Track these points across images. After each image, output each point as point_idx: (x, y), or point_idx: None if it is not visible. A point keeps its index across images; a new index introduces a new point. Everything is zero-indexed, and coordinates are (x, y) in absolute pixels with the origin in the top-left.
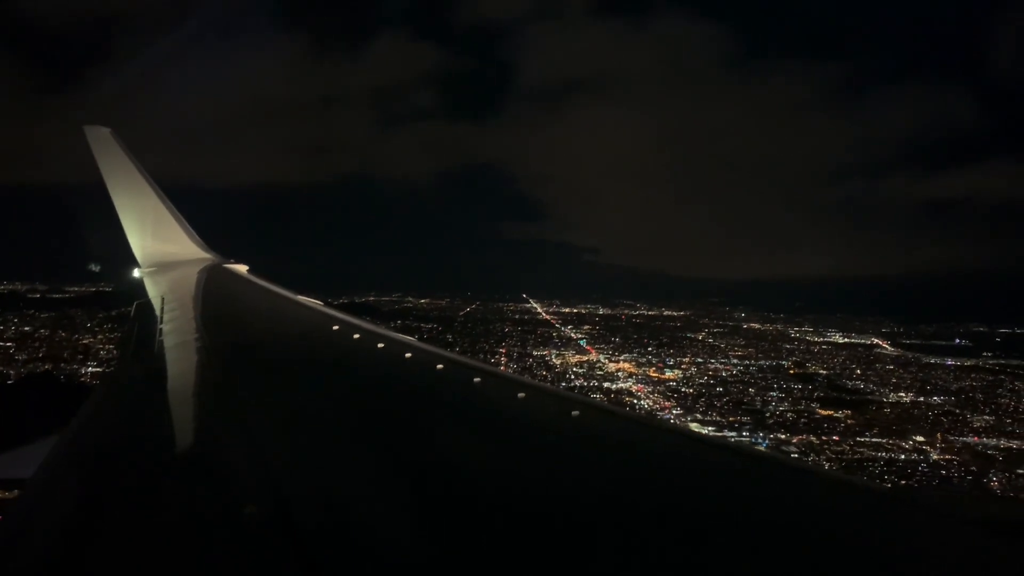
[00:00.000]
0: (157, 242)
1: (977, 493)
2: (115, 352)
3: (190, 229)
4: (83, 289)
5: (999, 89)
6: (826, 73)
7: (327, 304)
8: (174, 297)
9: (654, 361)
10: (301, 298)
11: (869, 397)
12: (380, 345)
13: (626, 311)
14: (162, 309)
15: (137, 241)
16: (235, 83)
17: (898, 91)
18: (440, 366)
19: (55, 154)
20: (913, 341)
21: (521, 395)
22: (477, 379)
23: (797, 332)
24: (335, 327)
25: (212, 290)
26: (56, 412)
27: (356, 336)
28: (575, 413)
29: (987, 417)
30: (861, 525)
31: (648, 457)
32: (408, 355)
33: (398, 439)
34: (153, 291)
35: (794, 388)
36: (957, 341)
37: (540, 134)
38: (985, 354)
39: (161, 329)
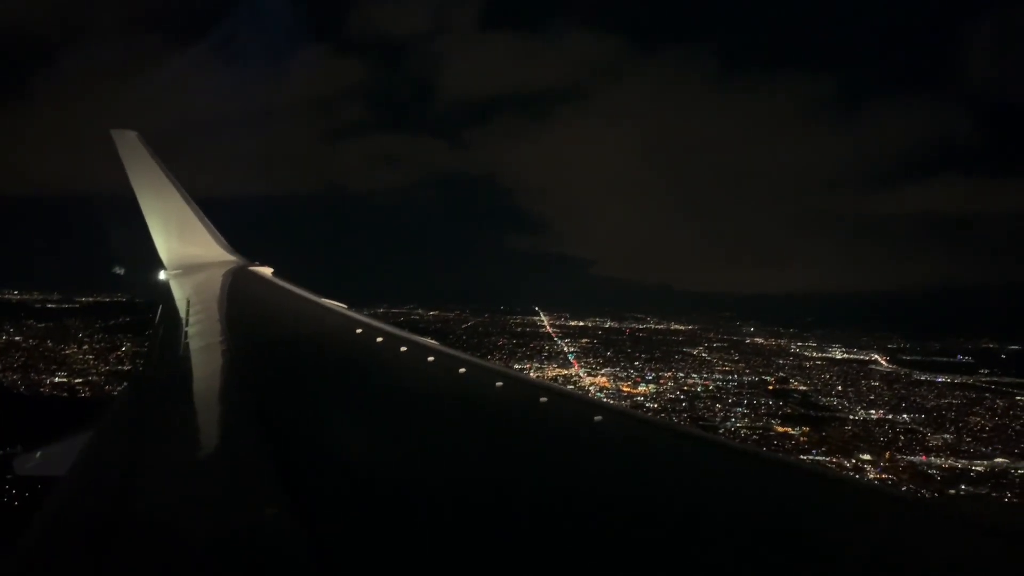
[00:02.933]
0: (183, 244)
1: (1004, 502)
2: (92, 362)
3: (215, 231)
4: (94, 299)
5: (1004, 102)
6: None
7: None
8: (199, 300)
9: (634, 375)
10: (325, 301)
11: (837, 414)
12: (403, 348)
13: (633, 324)
14: (187, 311)
15: (163, 243)
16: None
17: (892, 102)
18: (462, 370)
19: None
20: (914, 357)
21: (543, 399)
22: (499, 383)
23: (798, 347)
24: (359, 330)
25: (237, 293)
26: None
27: (379, 339)
28: (598, 418)
29: (948, 436)
30: (886, 532)
31: (670, 462)
32: (431, 358)
33: (422, 442)
34: (179, 293)
35: (764, 404)
36: (959, 357)
37: (529, 143)
38: (982, 371)
39: (187, 332)
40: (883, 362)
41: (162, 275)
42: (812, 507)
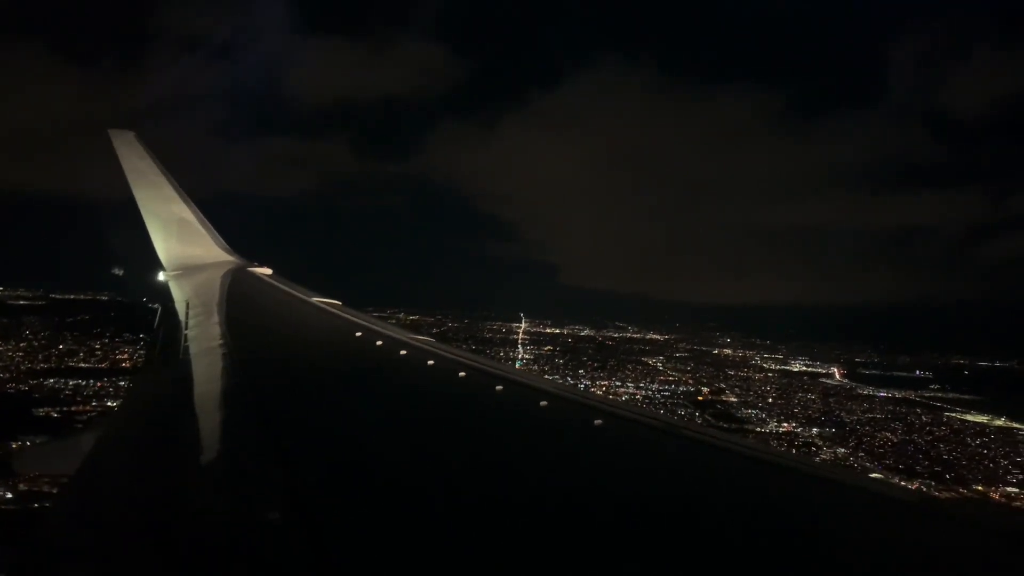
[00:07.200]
0: (181, 245)
1: (1010, 506)
2: (19, 359)
3: (214, 232)
4: (73, 297)
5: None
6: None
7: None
8: (199, 301)
9: (570, 384)
10: (324, 301)
11: (745, 426)
12: (403, 352)
13: (608, 332)
14: (187, 314)
15: (162, 244)
16: None
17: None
18: (462, 373)
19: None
20: (873, 371)
21: (543, 403)
22: (499, 386)
23: (760, 359)
24: (358, 333)
25: (237, 294)
26: None
27: (379, 343)
28: (597, 422)
29: (843, 450)
30: (893, 534)
31: (670, 463)
32: (430, 362)
33: (423, 445)
34: (178, 295)
35: (679, 416)
36: (917, 372)
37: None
38: (933, 386)
39: (187, 335)
40: (837, 375)
41: (161, 276)
42: (818, 508)
